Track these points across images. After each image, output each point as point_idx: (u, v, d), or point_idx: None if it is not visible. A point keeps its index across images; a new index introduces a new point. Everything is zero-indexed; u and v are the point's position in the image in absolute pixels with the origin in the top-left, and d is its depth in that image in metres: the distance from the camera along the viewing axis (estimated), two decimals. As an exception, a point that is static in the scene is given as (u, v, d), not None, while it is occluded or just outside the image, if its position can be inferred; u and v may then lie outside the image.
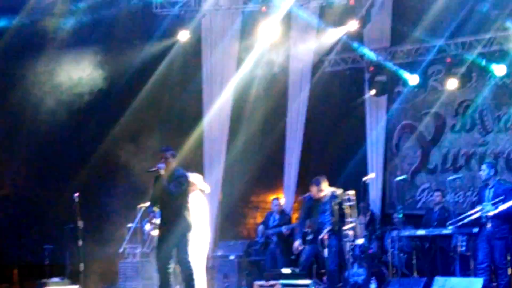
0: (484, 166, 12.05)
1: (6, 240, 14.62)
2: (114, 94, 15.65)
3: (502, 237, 11.53)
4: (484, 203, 11.60)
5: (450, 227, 12.44)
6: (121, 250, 13.37)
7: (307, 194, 12.52)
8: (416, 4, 15.24)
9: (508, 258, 11.62)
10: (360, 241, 12.70)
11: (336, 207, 12.00)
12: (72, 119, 15.27)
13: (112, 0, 15.09)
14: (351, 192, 12.46)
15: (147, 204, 12.70)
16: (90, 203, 14.05)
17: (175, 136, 15.53)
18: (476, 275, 11.65)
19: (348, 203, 12.09)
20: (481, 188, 12.10)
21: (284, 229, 13.97)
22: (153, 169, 10.45)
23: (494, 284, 11.62)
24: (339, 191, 12.33)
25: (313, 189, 12.23)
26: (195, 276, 10.56)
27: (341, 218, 12.00)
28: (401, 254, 13.13)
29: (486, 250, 11.57)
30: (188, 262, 10.46)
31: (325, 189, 12.20)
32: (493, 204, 11.46)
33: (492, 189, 11.69)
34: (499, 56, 14.89)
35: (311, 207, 12.28)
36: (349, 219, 12.02)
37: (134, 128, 15.85)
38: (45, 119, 14.98)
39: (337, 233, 12.00)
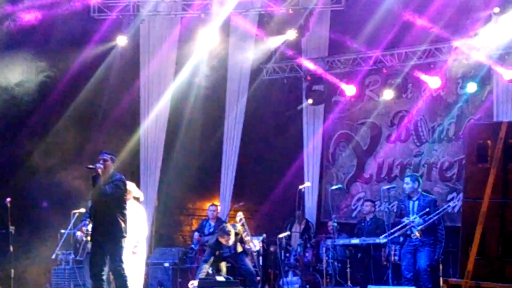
0: (407, 179, 12.36)
1: None
2: (50, 99, 15.44)
3: (428, 245, 11.88)
4: (413, 216, 11.85)
5: (383, 237, 12.57)
6: (53, 256, 13.18)
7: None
8: (354, 15, 15.31)
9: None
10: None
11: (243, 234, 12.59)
12: (5, 123, 15.04)
13: (51, 2, 14.91)
14: (240, 213, 13.02)
15: (81, 210, 12.62)
16: (22, 208, 13.86)
17: (112, 142, 15.41)
18: (402, 284, 11.83)
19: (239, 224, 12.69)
20: (403, 200, 12.39)
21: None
22: (91, 166, 10.39)
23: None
24: (238, 227, 12.76)
25: (223, 239, 12.39)
26: (129, 284, 10.48)
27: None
28: (335, 263, 13.21)
29: (411, 261, 11.90)
30: (122, 269, 10.37)
31: (232, 237, 12.49)
32: (420, 217, 11.71)
33: (417, 202, 12.09)
34: (435, 68, 15.07)
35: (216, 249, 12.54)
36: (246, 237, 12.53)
37: (69, 134, 15.65)
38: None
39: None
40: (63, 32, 15.36)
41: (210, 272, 12.20)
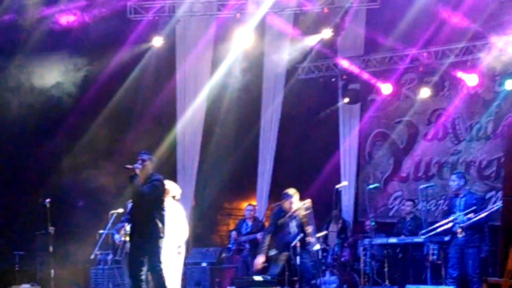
0: (454, 177, 12.10)
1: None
2: (86, 99, 15.58)
3: (474, 246, 11.60)
4: (457, 214, 11.64)
5: (422, 236, 12.48)
6: (92, 256, 13.29)
7: (276, 207, 12.45)
8: (390, 13, 15.25)
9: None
10: (317, 246, 12.72)
11: (305, 220, 12.00)
12: (43, 124, 15.20)
13: (87, 4, 15.05)
14: (308, 200, 12.61)
15: (119, 210, 12.70)
16: (61, 208, 13.98)
17: (148, 142, 15.48)
18: (446, 284, 11.68)
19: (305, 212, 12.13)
20: (451, 198, 12.15)
21: (259, 235, 13.94)
22: (129, 166, 10.33)
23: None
24: (307, 203, 12.37)
25: (285, 203, 12.17)
26: (167, 284, 10.52)
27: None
28: (373, 262, 13.15)
29: (457, 260, 11.62)
30: (160, 269, 10.39)
31: (296, 202, 12.16)
32: (465, 215, 11.52)
33: (463, 199, 11.73)
34: (472, 66, 14.97)
35: (279, 220, 12.22)
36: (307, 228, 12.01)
37: (105, 134, 15.79)
38: (16, 124, 14.90)
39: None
40: (99, 33, 15.47)
41: (273, 253, 12.00)
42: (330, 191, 12.85)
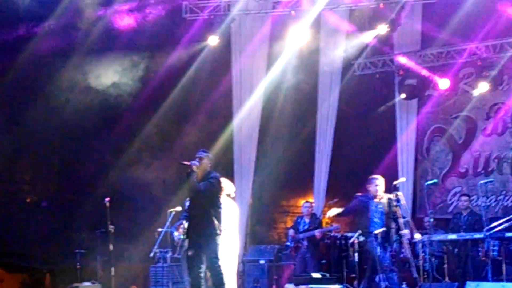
0: None
1: (38, 245, 14.75)
2: (143, 98, 15.76)
3: None
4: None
5: (482, 232, 12.37)
6: (151, 254, 13.40)
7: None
8: (447, 6, 15.15)
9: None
10: (418, 236, 12.70)
11: (397, 209, 11.97)
12: (101, 123, 15.41)
13: (143, 4, 15.22)
14: (399, 193, 12.56)
15: (177, 208, 12.78)
16: (120, 207, 14.15)
17: (205, 139, 15.61)
18: (509, 280, 11.56)
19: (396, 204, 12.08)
20: None
21: (317, 233, 13.94)
22: (186, 162, 10.38)
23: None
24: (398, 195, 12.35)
25: (370, 187, 12.22)
26: (225, 281, 10.58)
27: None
28: (432, 259, 13.06)
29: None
30: (218, 266, 10.44)
31: (381, 187, 12.21)
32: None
33: None
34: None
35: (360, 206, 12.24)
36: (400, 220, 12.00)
37: (163, 132, 15.96)
38: (74, 123, 15.13)
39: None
40: (155, 33, 15.64)
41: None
42: (387, 187, 12.76)
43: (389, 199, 12.14)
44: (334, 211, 12.33)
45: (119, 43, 15.30)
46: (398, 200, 12.17)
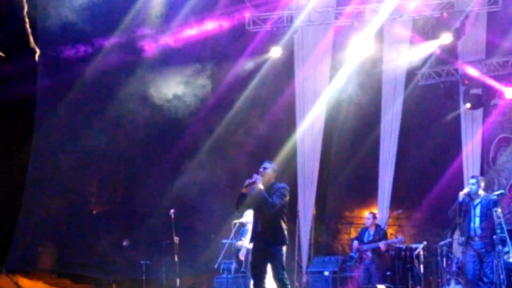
0: None
1: (104, 255, 14.96)
2: (207, 110, 15.91)
3: None
4: None
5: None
6: (216, 265, 13.48)
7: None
8: (511, 14, 15.04)
9: None
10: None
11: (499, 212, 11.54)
12: (165, 135, 15.58)
13: (207, 17, 15.38)
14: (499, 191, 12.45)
15: (241, 220, 12.82)
16: (185, 218, 14.28)
17: (268, 150, 15.68)
18: None
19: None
20: None
21: (381, 244, 13.87)
22: (249, 181, 10.18)
23: None
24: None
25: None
26: None
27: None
28: (501, 271, 12.87)
29: None
30: (284, 277, 10.41)
31: (482, 187, 11.88)
32: None
33: None
34: None
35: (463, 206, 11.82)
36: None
37: (226, 142, 16.07)
38: (140, 137, 15.35)
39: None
40: (219, 45, 15.80)
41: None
42: (452, 197, 12.63)
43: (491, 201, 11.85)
44: None
45: (184, 56, 15.50)
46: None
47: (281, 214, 10.41)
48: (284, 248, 10.42)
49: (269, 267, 10.51)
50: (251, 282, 10.97)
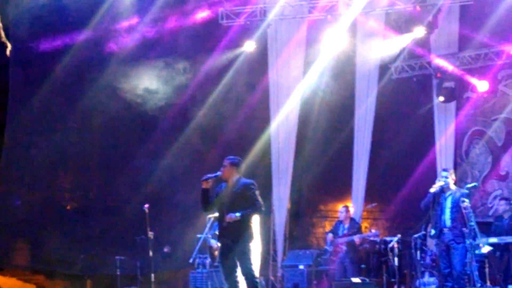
0: None
1: (80, 251, 14.93)
2: (181, 104, 15.90)
3: None
4: None
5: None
6: (191, 260, 13.47)
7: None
8: (484, 8, 15.09)
9: None
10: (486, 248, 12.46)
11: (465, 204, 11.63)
12: (139, 130, 15.58)
13: (180, 12, 15.36)
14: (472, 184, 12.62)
15: (216, 214, 12.83)
16: (159, 213, 14.26)
17: (241, 145, 15.69)
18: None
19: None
20: None
21: (356, 238, 13.95)
22: (208, 176, 10.32)
23: None
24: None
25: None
26: (259, 286, 10.57)
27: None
28: (473, 263, 12.98)
29: None
30: (252, 271, 10.45)
31: (452, 180, 12.02)
32: None
33: None
34: None
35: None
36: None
37: (200, 136, 16.07)
38: (114, 132, 15.31)
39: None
40: (192, 39, 15.78)
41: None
42: (427, 190, 12.72)
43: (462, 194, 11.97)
44: None
45: (156, 50, 15.48)
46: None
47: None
48: (251, 244, 10.45)
49: None
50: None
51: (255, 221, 11.16)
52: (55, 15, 13.77)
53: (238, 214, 10.24)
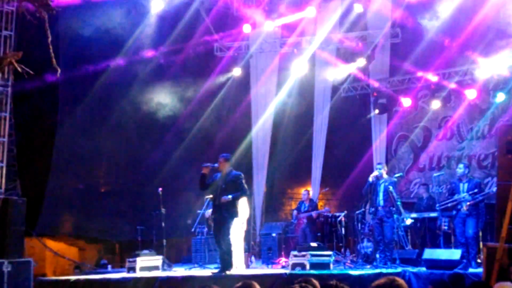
0: (461, 165, 11.88)
1: (110, 222, 14.90)
2: (186, 115, 15.88)
3: (472, 217, 11.40)
4: (463, 194, 11.48)
5: (436, 212, 12.38)
6: (193, 229, 13.54)
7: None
8: (408, 45, 15.17)
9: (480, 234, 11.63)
10: (409, 221, 12.47)
11: (391, 189, 11.74)
12: (156, 134, 15.53)
13: (185, 45, 15.36)
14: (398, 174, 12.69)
15: (210, 196, 12.86)
16: (170, 195, 14.27)
17: (230, 144, 15.73)
18: (456, 247, 11.57)
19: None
20: (454, 182, 11.90)
21: (314, 213, 14.02)
22: (207, 164, 10.62)
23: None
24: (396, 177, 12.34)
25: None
26: (232, 252, 10.67)
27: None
28: (400, 232, 13.11)
29: (462, 229, 11.47)
30: (228, 238, 10.55)
31: (384, 170, 12.11)
32: (470, 195, 11.38)
33: (466, 184, 11.53)
34: (471, 83, 14.84)
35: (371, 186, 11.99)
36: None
37: (200, 138, 16.05)
38: (137, 134, 15.29)
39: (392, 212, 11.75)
40: (194, 66, 15.80)
41: None
42: (365, 179, 12.81)
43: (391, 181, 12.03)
44: None
45: (167, 74, 15.46)
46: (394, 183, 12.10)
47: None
48: (234, 220, 10.54)
49: None
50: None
51: (243, 203, 11.29)
52: (94, 46, 13.72)
53: (230, 196, 10.38)
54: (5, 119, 11.59)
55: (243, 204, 11.47)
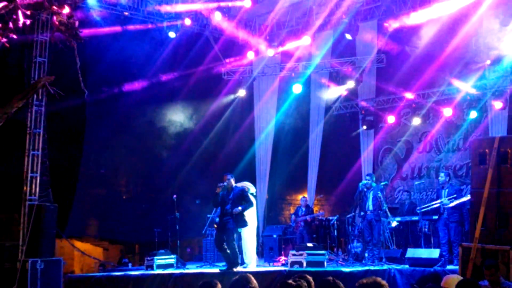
0: (442, 174, 12.03)
1: (131, 226, 14.91)
2: (197, 131, 15.94)
3: (455, 221, 11.47)
4: (442, 199, 11.58)
5: (417, 216, 12.40)
6: (203, 232, 13.56)
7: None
8: (392, 69, 15.23)
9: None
10: (394, 223, 12.51)
11: (379, 195, 11.86)
12: (171, 147, 15.57)
13: (195, 70, 15.45)
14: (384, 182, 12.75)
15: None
16: (183, 200, 14.31)
17: (236, 156, 15.78)
18: (439, 247, 11.54)
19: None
20: (438, 189, 12.08)
21: (308, 217, 14.04)
22: (221, 184, 10.77)
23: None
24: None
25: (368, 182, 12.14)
26: (237, 253, 10.81)
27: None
28: (386, 233, 13.11)
29: (445, 231, 11.54)
30: (233, 244, 10.72)
31: (372, 180, 12.22)
32: (449, 200, 11.44)
33: (447, 190, 11.68)
34: (447, 102, 14.90)
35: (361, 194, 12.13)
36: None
37: (209, 153, 16.09)
38: (154, 147, 15.32)
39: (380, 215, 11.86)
40: (204, 88, 15.88)
41: None
42: (355, 187, 12.83)
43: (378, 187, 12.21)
44: None
45: (180, 94, 15.54)
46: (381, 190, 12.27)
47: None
48: (242, 229, 10.67)
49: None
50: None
51: (251, 213, 11.35)
52: (117, 70, 13.84)
53: (240, 208, 10.49)
54: (39, 135, 11.77)
55: (252, 214, 11.56)
